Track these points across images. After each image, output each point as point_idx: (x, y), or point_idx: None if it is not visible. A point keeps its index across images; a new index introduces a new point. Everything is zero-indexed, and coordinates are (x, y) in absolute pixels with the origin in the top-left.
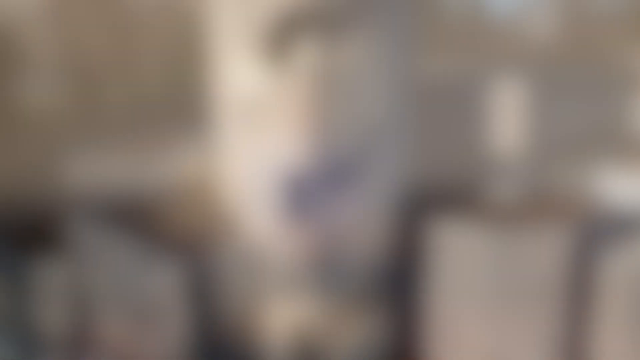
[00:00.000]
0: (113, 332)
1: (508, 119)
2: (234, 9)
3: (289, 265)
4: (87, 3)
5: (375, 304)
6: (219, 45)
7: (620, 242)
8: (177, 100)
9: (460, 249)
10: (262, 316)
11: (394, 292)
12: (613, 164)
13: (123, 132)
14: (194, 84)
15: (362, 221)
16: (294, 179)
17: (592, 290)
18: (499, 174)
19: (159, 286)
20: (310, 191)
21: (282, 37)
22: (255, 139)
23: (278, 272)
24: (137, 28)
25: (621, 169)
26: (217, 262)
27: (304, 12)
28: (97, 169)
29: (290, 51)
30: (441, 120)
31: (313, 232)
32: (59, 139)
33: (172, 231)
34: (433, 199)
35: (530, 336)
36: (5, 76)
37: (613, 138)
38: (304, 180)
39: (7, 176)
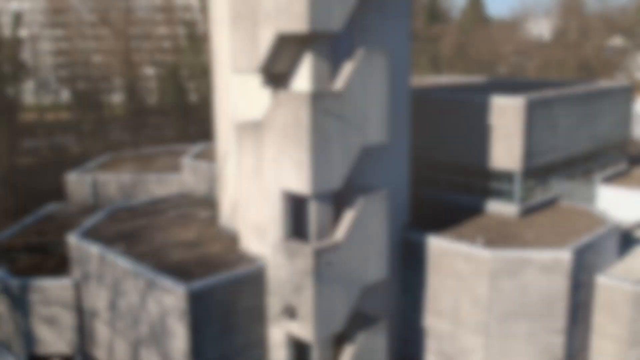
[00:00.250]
0: (116, 353)
1: (507, 138)
2: (237, 37)
3: (290, 284)
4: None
5: (374, 320)
6: (225, 71)
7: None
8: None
9: (458, 268)
10: (265, 334)
11: (392, 310)
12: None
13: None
14: (201, 106)
15: (363, 241)
16: (296, 201)
17: (590, 307)
18: (497, 193)
19: (163, 308)
20: (311, 213)
21: (282, 63)
22: (260, 161)
23: (279, 291)
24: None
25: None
26: (219, 284)
27: (303, 38)
28: (102, 186)
29: (291, 75)
30: (437, 140)
31: (313, 252)
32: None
33: (177, 253)
34: (431, 218)
35: (530, 353)
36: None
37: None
38: (305, 201)
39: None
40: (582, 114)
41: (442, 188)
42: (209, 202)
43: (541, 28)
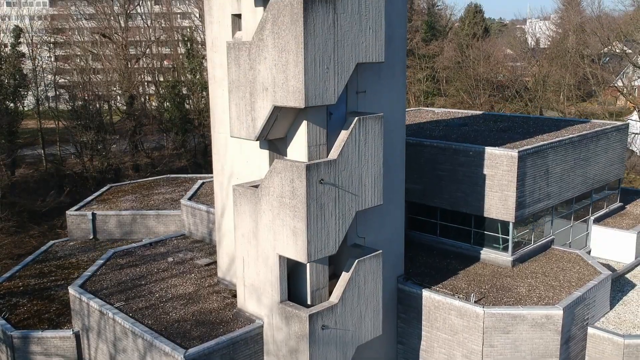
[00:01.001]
0: None
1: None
2: (235, 105)
3: (286, 347)
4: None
5: None
6: (223, 129)
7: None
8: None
9: (452, 322)
10: None
11: None
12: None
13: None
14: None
15: (358, 301)
16: (293, 262)
17: (582, 358)
18: (491, 241)
19: None
20: (306, 273)
21: (278, 130)
22: (257, 225)
23: (276, 352)
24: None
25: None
26: (217, 347)
27: (299, 109)
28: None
29: (287, 140)
30: (432, 185)
31: (309, 317)
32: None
33: (176, 309)
34: (425, 265)
35: None
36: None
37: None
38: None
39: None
40: (576, 157)
41: (436, 233)
42: (208, 246)
43: (538, 32)
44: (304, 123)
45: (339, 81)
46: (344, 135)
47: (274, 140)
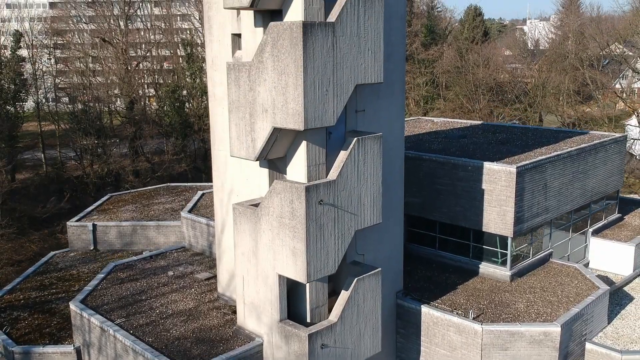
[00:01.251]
0: None
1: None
2: (235, 125)
3: None
4: None
5: None
6: (223, 146)
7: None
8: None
9: (451, 339)
10: None
11: None
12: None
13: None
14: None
15: (357, 319)
16: (292, 284)
17: None
18: (490, 255)
19: None
20: (306, 292)
21: (278, 151)
22: (256, 244)
23: None
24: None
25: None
26: None
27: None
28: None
29: (287, 159)
30: (431, 199)
31: (309, 336)
32: None
33: (176, 326)
34: (424, 280)
35: None
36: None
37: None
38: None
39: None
40: (574, 171)
41: (435, 247)
42: (207, 259)
43: (537, 34)
44: (304, 143)
45: (338, 103)
46: (343, 155)
47: (273, 159)
